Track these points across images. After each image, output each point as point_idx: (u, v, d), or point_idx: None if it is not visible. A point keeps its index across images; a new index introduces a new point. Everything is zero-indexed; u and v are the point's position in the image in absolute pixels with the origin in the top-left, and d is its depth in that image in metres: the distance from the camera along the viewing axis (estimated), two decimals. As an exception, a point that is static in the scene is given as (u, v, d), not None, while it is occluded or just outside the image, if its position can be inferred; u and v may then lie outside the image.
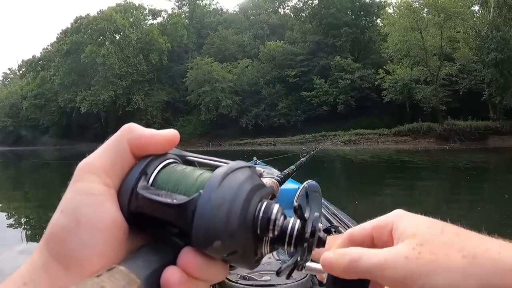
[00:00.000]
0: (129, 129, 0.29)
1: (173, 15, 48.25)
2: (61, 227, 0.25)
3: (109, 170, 0.27)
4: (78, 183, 0.27)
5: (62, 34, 49.36)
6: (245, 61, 40.72)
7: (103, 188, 0.26)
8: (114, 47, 42.00)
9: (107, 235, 0.25)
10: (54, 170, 15.89)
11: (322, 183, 1.59)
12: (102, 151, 0.28)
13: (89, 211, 0.25)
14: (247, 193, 0.25)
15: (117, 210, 0.26)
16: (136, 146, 0.28)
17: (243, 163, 0.28)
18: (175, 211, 0.25)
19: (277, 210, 0.26)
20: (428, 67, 29.08)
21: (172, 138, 0.29)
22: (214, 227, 0.24)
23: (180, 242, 0.26)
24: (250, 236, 0.26)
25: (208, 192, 0.25)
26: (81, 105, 42.34)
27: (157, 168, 0.28)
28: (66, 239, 0.25)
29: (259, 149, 27.19)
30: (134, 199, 0.26)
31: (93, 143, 44.01)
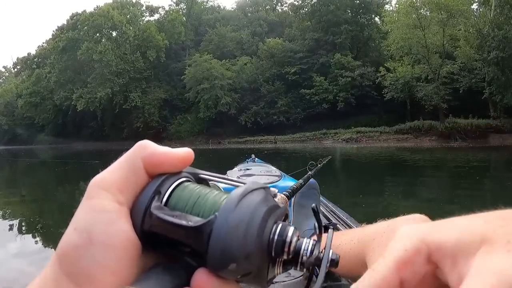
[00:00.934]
0: (143, 146, 0.29)
1: (171, 11, 47.74)
2: (74, 245, 0.25)
3: (122, 187, 0.27)
4: (91, 200, 0.26)
5: (58, 31, 48.67)
6: (244, 58, 40.35)
7: (116, 206, 0.26)
8: (111, 44, 41.44)
9: (120, 254, 0.25)
10: (49, 169, 15.44)
11: (326, 182, 1.31)
12: (115, 168, 0.28)
13: (102, 228, 0.25)
14: (262, 216, 0.25)
15: (130, 228, 0.26)
16: (150, 163, 0.28)
17: (258, 184, 0.27)
18: (191, 233, 0.25)
19: (292, 232, 0.26)
20: (430, 65, 28.89)
21: (186, 157, 0.29)
22: (230, 250, 0.24)
23: (193, 262, 0.26)
24: (265, 259, 0.26)
25: (225, 214, 0.24)
26: (78, 102, 41.81)
27: (171, 187, 0.28)
28: (79, 257, 0.24)
29: (259, 147, 26.87)
30: (147, 219, 0.26)
31: (89, 141, 43.95)
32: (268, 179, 2.57)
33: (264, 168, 3.06)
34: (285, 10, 52.16)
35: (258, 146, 29.01)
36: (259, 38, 45.48)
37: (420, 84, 29.32)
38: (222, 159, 17.30)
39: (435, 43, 29.10)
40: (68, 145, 45.58)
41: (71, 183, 9.78)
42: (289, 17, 47.79)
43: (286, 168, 7.80)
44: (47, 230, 5.52)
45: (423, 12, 29.14)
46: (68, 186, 9.61)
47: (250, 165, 3.43)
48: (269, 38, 41.77)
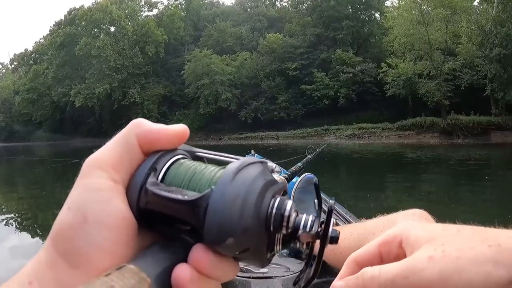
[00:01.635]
0: (138, 123, 0.28)
1: (170, 6, 47.28)
2: (68, 224, 0.24)
3: (117, 166, 0.26)
4: (85, 179, 0.26)
5: (55, 26, 48.05)
6: (244, 53, 39.96)
7: (111, 184, 0.26)
8: (109, 39, 40.95)
9: (116, 233, 0.24)
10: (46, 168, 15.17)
11: (328, 178, 1.24)
12: (110, 146, 0.28)
13: (97, 207, 0.24)
14: (260, 189, 0.25)
15: (126, 206, 0.25)
16: (145, 141, 0.28)
17: (255, 158, 0.27)
18: (187, 208, 0.24)
19: (291, 206, 0.25)
20: (432, 62, 28.73)
21: (181, 133, 0.29)
22: (227, 224, 0.23)
23: (191, 239, 0.25)
24: (263, 233, 0.25)
25: (221, 187, 0.24)
26: (76, 99, 41.26)
27: (167, 163, 0.27)
28: (73, 237, 0.24)
29: (261, 143, 26.65)
30: (143, 196, 0.26)
31: (87, 138, 43.59)
32: None
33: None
34: (284, 6, 51.86)
35: (260, 142, 28.84)
36: (259, 33, 45.16)
37: (422, 80, 29.14)
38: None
39: (437, 40, 28.93)
40: (66, 141, 45.31)
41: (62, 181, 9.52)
42: (289, 12, 47.51)
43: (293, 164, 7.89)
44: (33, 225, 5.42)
45: (426, 8, 28.92)
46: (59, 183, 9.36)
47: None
48: (269, 33, 41.44)
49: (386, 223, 0.82)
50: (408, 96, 30.81)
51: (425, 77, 29.36)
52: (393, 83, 30.18)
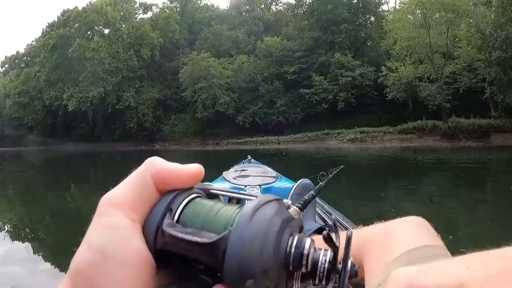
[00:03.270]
0: (153, 162, 0.28)
1: (165, 9, 46.71)
2: (87, 263, 0.24)
3: (133, 205, 0.26)
4: (103, 217, 0.26)
5: (48, 28, 47.19)
6: (241, 57, 39.45)
7: (129, 223, 0.26)
8: (104, 41, 40.20)
9: (135, 271, 0.24)
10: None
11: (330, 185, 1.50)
12: (125, 185, 0.28)
13: (116, 246, 0.24)
14: (278, 229, 0.24)
15: (144, 245, 0.25)
16: (160, 180, 0.28)
17: (271, 196, 0.27)
18: (205, 250, 0.24)
19: (309, 244, 0.25)
20: (433, 65, 28.67)
21: (197, 173, 0.29)
22: (246, 266, 0.23)
23: (209, 280, 0.25)
24: (282, 273, 0.25)
25: (239, 229, 0.24)
26: (69, 102, 40.38)
27: (182, 203, 0.27)
28: (93, 275, 0.24)
29: (261, 148, 26.11)
30: (160, 237, 0.26)
31: (80, 143, 42.58)
32: (264, 180, 2.63)
33: (260, 169, 3.14)
34: (280, 9, 51.68)
35: (261, 147, 28.32)
36: (255, 37, 44.81)
37: (423, 84, 29.12)
38: (227, 161, 16.47)
39: (438, 43, 28.92)
40: (58, 146, 44.53)
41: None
42: (285, 16, 47.35)
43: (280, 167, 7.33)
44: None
45: (427, 12, 28.87)
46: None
47: (246, 166, 3.47)
48: (266, 37, 41.11)
49: (384, 231, 0.81)
50: (409, 100, 30.79)
51: (425, 80, 29.34)
52: (393, 86, 30.06)
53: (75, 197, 8.98)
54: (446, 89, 28.22)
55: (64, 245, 4.68)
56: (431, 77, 29.20)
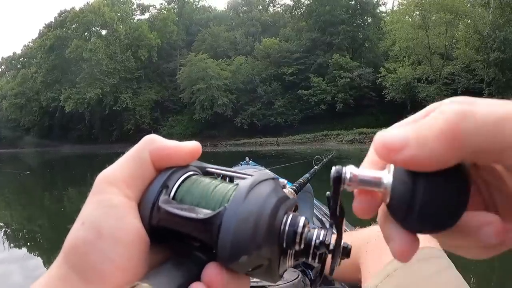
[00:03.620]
0: (151, 140, 0.28)
1: (163, 10, 46.54)
2: (82, 239, 0.24)
3: (129, 182, 0.26)
4: (98, 195, 0.26)
5: (45, 28, 46.91)
6: (239, 58, 39.33)
7: (124, 200, 0.26)
8: (101, 42, 39.97)
9: (130, 249, 0.24)
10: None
11: (326, 184, 0.92)
12: (122, 162, 0.28)
13: (111, 223, 0.24)
14: (273, 206, 0.25)
15: (139, 223, 0.25)
16: (157, 157, 0.28)
17: (267, 175, 0.27)
18: (200, 226, 0.24)
19: (303, 222, 0.25)
20: (432, 66, 28.68)
21: (194, 150, 0.29)
22: (240, 242, 0.23)
23: (203, 257, 0.25)
24: (276, 250, 0.25)
25: (234, 206, 0.24)
26: (66, 104, 40.10)
27: (179, 180, 0.27)
28: (87, 252, 0.24)
29: (261, 149, 25.99)
30: (155, 213, 0.26)
31: (76, 144, 42.30)
32: None
33: (258, 171, 2.76)
34: (277, 11, 51.63)
35: (260, 148, 28.20)
36: (253, 38, 44.72)
37: (422, 85, 29.14)
38: (225, 163, 16.35)
39: (437, 44, 29.02)
40: (54, 148, 44.26)
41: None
42: (283, 17, 47.30)
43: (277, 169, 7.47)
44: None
45: (426, 13, 28.93)
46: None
47: (244, 167, 3.36)
48: (264, 38, 41.03)
49: (380, 232, 0.72)
50: (407, 101, 30.82)
51: (424, 81, 29.37)
52: (392, 87, 30.05)
53: (71, 200, 8.83)
54: (445, 90, 28.21)
55: (59, 248, 4.62)
56: (430, 78, 29.22)
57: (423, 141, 0.20)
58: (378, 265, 0.79)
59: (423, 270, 0.73)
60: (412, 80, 29.26)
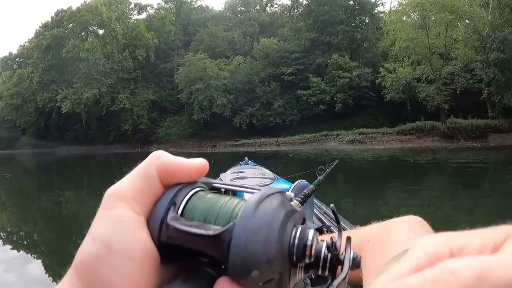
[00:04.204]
0: (157, 156, 0.29)
1: (161, 9, 46.28)
2: (93, 255, 0.24)
3: (138, 198, 0.27)
4: (108, 210, 0.26)
5: (41, 28, 46.55)
6: (238, 58, 39.07)
7: (134, 216, 0.26)
8: (98, 41, 39.62)
9: (140, 264, 0.24)
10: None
11: (326, 183, 1.59)
12: (130, 178, 0.28)
13: (121, 238, 0.25)
14: (282, 220, 0.25)
15: (149, 238, 0.26)
16: (164, 174, 0.28)
17: (274, 189, 0.27)
18: (210, 242, 0.24)
19: (313, 235, 0.25)
20: (432, 66, 28.64)
21: (201, 167, 0.29)
22: (251, 257, 0.23)
23: (213, 272, 0.25)
24: (287, 264, 0.25)
25: (243, 221, 0.24)
26: (63, 104, 39.63)
27: (186, 197, 0.27)
28: (98, 267, 0.24)
29: (260, 150, 25.80)
30: (164, 230, 0.26)
31: (73, 145, 41.91)
32: (261, 181, 2.66)
33: (257, 170, 3.18)
34: (275, 11, 51.57)
35: (259, 149, 27.99)
36: (251, 38, 44.55)
37: (421, 85, 29.10)
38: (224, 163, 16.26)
39: (437, 44, 28.93)
40: (51, 149, 43.95)
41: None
42: (281, 17, 47.17)
43: (276, 168, 7.19)
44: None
45: (426, 13, 28.90)
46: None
47: (244, 167, 3.49)
48: (263, 38, 40.86)
49: (381, 231, 0.83)
50: (407, 101, 30.75)
51: (423, 81, 29.33)
52: (391, 87, 29.93)
53: (68, 203, 8.62)
54: (445, 89, 28.26)
55: (56, 250, 4.68)
56: (429, 78, 29.16)
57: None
58: (379, 263, 0.77)
59: None
60: (412, 80, 29.19)
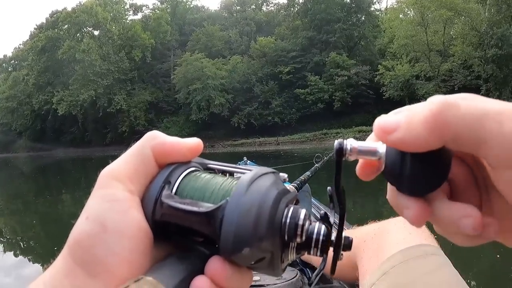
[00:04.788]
0: (152, 136, 0.29)
1: (156, 10, 45.95)
2: (87, 233, 0.24)
3: (133, 177, 0.27)
4: (102, 190, 0.26)
5: (36, 30, 46.09)
6: (236, 57, 38.87)
7: (128, 195, 0.26)
8: (94, 42, 39.24)
9: (134, 242, 0.25)
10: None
11: (326, 183, 0.94)
12: (125, 158, 0.28)
13: (115, 217, 0.25)
14: (274, 199, 0.25)
15: (143, 217, 0.26)
16: (159, 153, 0.28)
17: (267, 169, 0.27)
18: (202, 219, 0.25)
19: (304, 215, 0.25)
20: (430, 63, 28.56)
21: (195, 147, 0.29)
22: (242, 234, 0.23)
23: (206, 250, 0.26)
24: (278, 242, 0.25)
25: (236, 198, 0.24)
26: (59, 106, 39.21)
27: (181, 176, 0.28)
28: (92, 246, 0.24)
29: (260, 149, 25.63)
30: (158, 208, 0.26)
31: (70, 148, 41.53)
32: None
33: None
34: (271, 10, 51.35)
35: (259, 148, 27.85)
36: (248, 37, 44.35)
37: (420, 82, 29.03)
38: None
39: (435, 41, 28.96)
40: (47, 152, 43.59)
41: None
42: (277, 16, 47.03)
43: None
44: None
45: (425, 10, 28.89)
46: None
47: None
48: (260, 37, 40.68)
49: (378, 231, 0.84)
50: (405, 98, 30.71)
51: (422, 78, 29.28)
52: (390, 85, 29.89)
53: (64, 206, 8.44)
54: (443, 86, 28.18)
55: (52, 254, 4.43)
56: (428, 75, 29.16)
57: (411, 126, 0.23)
58: (375, 262, 0.78)
59: (420, 267, 0.73)
60: (411, 77, 29.18)
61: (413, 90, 29.08)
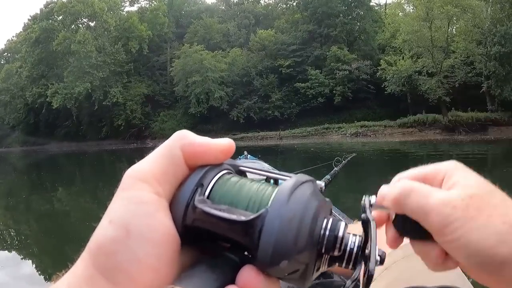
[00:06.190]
0: (182, 135, 0.27)
1: (153, 0, 45.04)
2: (109, 238, 0.23)
3: (160, 178, 0.25)
4: (127, 191, 0.25)
5: (30, 21, 45.00)
6: (235, 50, 38.22)
7: (155, 197, 0.25)
8: (90, 34, 38.32)
9: (160, 248, 0.23)
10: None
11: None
12: (152, 158, 0.26)
13: (140, 221, 0.23)
14: (315, 210, 0.24)
15: (170, 221, 0.24)
16: (190, 154, 0.27)
17: (307, 177, 0.26)
18: (240, 228, 0.23)
19: (344, 228, 0.25)
20: (433, 59, 28.38)
21: (228, 148, 0.28)
22: (282, 247, 0.22)
23: (236, 258, 0.24)
24: (315, 255, 0.24)
25: (276, 208, 0.23)
26: (53, 99, 38.20)
27: (214, 179, 0.26)
28: (115, 252, 0.23)
29: (261, 144, 25.19)
30: (190, 213, 0.24)
31: (64, 142, 40.74)
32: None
33: (256, 164, 1.81)
34: (270, 3, 50.83)
35: (260, 143, 27.35)
36: (246, 30, 43.75)
37: (422, 77, 28.84)
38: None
39: (439, 38, 28.72)
40: (41, 146, 42.90)
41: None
42: (277, 9, 46.44)
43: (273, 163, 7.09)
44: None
45: (430, 5, 28.61)
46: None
47: (242, 162, 2.22)
48: (260, 30, 40.10)
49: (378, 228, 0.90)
50: (407, 94, 30.52)
51: (424, 74, 29.06)
52: (392, 80, 29.56)
53: (59, 202, 8.14)
54: (446, 82, 28.10)
55: (48, 250, 4.66)
56: (430, 71, 28.94)
57: (387, 199, 0.37)
58: None
59: (421, 263, 0.71)
60: (413, 73, 28.97)
61: (415, 86, 28.85)
